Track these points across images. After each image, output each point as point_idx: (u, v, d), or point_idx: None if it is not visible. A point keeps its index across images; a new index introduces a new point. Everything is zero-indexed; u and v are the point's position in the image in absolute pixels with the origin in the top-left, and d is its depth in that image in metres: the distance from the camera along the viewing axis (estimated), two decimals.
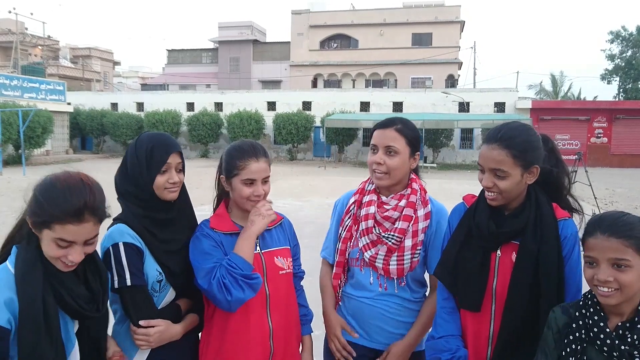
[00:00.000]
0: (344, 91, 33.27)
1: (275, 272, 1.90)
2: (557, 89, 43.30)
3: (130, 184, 1.79)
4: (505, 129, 1.72)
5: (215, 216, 1.95)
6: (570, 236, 1.72)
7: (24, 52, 40.67)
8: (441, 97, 29.66)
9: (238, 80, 42.83)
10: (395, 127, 1.98)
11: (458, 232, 1.85)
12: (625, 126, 28.08)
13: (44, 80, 28.94)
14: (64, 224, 1.38)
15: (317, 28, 42.06)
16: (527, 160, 1.69)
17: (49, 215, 1.38)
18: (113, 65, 55.21)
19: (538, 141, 1.74)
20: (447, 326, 1.84)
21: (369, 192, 2.07)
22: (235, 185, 1.87)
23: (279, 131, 29.74)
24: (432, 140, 28.17)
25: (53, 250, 1.41)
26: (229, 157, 1.90)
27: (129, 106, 34.68)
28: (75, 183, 1.43)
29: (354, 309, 2.08)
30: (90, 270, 1.54)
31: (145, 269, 1.75)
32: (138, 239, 1.74)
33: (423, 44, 40.11)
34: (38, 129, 24.25)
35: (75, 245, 1.42)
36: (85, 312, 1.47)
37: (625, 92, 40.70)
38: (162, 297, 1.81)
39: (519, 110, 28.30)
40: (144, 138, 1.82)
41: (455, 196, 10.30)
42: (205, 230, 1.87)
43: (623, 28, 39.57)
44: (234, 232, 1.88)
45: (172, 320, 1.79)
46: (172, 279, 1.81)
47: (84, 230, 1.41)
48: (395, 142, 1.97)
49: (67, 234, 1.39)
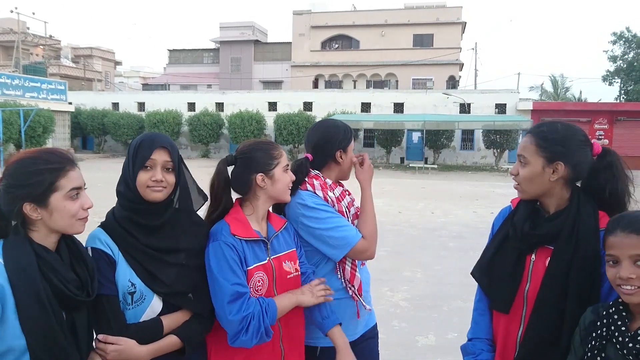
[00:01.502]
0: (345, 92, 33.26)
1: (284, 277, 1.90)
2: (557, 91, 43.29)
3: (121, 183, 1.75)
4: (547, 123, 1.74)
5: (235, 221, 1.86)
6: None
7: (26, 52, 40.71)
8: (442, 98, 29.65)
9: (239, 81, 42.85)
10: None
11: (498, 234, 1.86)
12: (626, 128, 28.07)
13: (46, 80, 28.96)
14: (67, 172, 1.46)
15: (318, 29, 42.06)
16: (551, 152, 1.65)
17: (50, 176, 1.44)
18: (114, 65, 55.26)
19: (574, 141, 1.67)
20: (476, 328, 1.88)
21: (331, 187, 2.20)
22: (279, 176, 1.92)
23: (280, 132, 29.74)
24: (432, 142, 28.15)
25: (71, 207, 1.47)
26: (262, 152, 1.92)
27: (130, 106, 34.70)
28: (37, 150, 1.52)
29: (349, 307, 2.15)
30: (75, 256, 1.54)
31: (117, 279, 1.64)
32: (111, 246, 1.66)
33: (424, 45, 40.11)
34: (39, 128, 24.30)
35: (82, 191, 1.51)
36: (77, 297, 1.46)
37: (627, 93, 40.64)
38: (142, 311, 1.67)
39: (520, 111, 28.29)
40: (138, 136, 1.81)
41: (455, 198, 10.24)
42: (228, 239, 1.79)
43: (627, 29, 39.54)
44: (255, 239, 1.85)
45: (144, 336, 1.64)
46: (158, 287, 1.67)
47: (79, 173, 1.52)
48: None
49: (74, 181, 1.48)
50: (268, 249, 1.89)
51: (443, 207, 12.72)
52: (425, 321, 4.87)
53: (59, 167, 1.46)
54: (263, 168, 1.89)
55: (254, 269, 1.82)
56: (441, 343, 4.36)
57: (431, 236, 9.03)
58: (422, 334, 4.53)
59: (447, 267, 6.90)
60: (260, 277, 1.83)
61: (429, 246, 8.18)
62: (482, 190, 16.97)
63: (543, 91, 43.64)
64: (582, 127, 10.05)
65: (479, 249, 1.97)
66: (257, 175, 1.88)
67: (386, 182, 18.13)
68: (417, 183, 18.92)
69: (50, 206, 1.44)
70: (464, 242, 8.53)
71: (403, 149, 30.07)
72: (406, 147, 30.09)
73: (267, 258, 1.87)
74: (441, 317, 5.00)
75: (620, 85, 41.47)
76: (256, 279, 1.81)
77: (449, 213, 11.73)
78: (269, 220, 1.99)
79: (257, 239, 1.85)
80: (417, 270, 6.69)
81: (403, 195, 14.93)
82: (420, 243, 8.44)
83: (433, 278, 6.38)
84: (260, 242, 1.88)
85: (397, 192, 15.52)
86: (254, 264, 1.82)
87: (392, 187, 16.30)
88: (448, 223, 10.40)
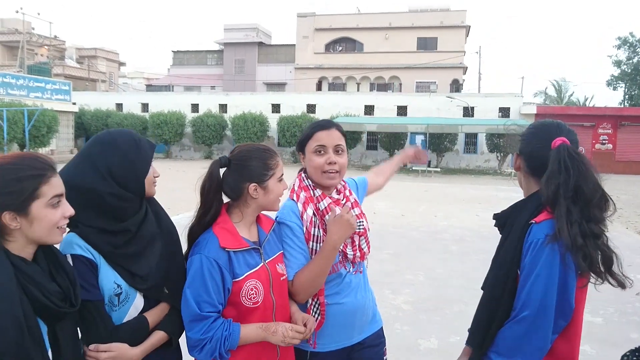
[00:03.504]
0: (349, 94, 33.29)
1: (278, 279, 1.87)
2: (561, 95, 43.21)
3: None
4: (536, 121, 1.92)
5: (223, 231, 1.78)
6: (533, 243, 1.59)
7: (31, 52, 40.87)
8: (446, 101, 29.63)
9: (243, 82, 42.93)
10: (337, 128, 2.06)
11: None
12: (630, 133, 28.00)
13: (50, 80, 29.09)
14: (48, 179, 1.38)
15: (322, 31, 42.12)
16: (520, 146, 1.83)
17: (31, 183, 1.35)
18: (118, 66, 55.43)
19: (535, 135, 1.80)
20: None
21: (319, 198, 2.01)
22: (271, 187, 1.84)
23: (283, 133, 29.78)
24: (436, 145, 28.16)
25: (52, 215, 1.39)
26: (260, 160, 1.85)
27: (134, 107, 34.79)
28: (16, 155, 1.43)
29: (338, 314, 2.00)
30: (54, 266, 1.46)
31: (101, 282, 1.60)
32: (90, 250, 1.60)
33: (428, 48, 40.11)
34: (43, 128, 24.41)
35: (63, 199, 1.43)
36: (61, 309, 1.39)
37: (631, 98, 40.57)
38: (126, 310, 1.65)
39: (524, 115, 28.24)
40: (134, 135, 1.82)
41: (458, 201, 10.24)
42: (211, 253, 1.72)
43: (631, 34, 39.47)
44: (244, 248, 1.80)
45: (135, 337, 1.64)
46: (138, 284, 1.65)
47: (60, 180, 1.43)
48: (341, 140, 2.05)
49: (56, 188, 1.40)
50: (262, 254, 1.85)
51: (446, 210, 12.70)
52: (427, 324, 4.86)
53: (40, 173, 1.38)
54: (257, 178, 1.81)
55: (245, 278, 1.76)
56: (443, 346, 4.34)
57: (433, 239, 9.00)
58: (424, 337, 4.51)
59: (450, 270, 6.88)
60: (254, 285, 1.77)
61: (431, 249, 8.16)
62: (485, 194, 16.93)
63: (547, 96, 43.57)
64: (586, 131, 10.04)
65: (481, 253, 1.99)
66: (250, 184, 1.81)
67: (389, 184, 18.04)
68: (420, 186, 18.90)
69: (30, 215, 1.35)
70: (466, 245, 8.50)
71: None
72: None
73: (262, 263, 1.83)
74: (443, 320, 4.98)
75: (625, 90, 41.39)
76: (248, 287, 1.76)
77: (451, 216, 11.70)
78: (259, 222, 1.94)
79: (246, 247, 1.80)
80: (419, 273, 6.67)
81: (406, 198, 14.91)
82: (422, 246, 8.42)
83: (435, 281, 6.36)
84: (251, 250, 1.83)
85: (400, 195, 15.50)
86: (245, 273, 1.77)
87: (394, 190, 16.28)
88: (450, 226, 10.38)
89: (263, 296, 1.79)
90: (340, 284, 2.00)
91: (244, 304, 1.76)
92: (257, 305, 1.78)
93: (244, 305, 1.76)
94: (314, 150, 2.00)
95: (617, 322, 4.95)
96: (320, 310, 1.93)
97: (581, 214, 1.58)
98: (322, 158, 1.99)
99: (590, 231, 1.57)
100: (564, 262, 1.54)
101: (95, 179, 1.62)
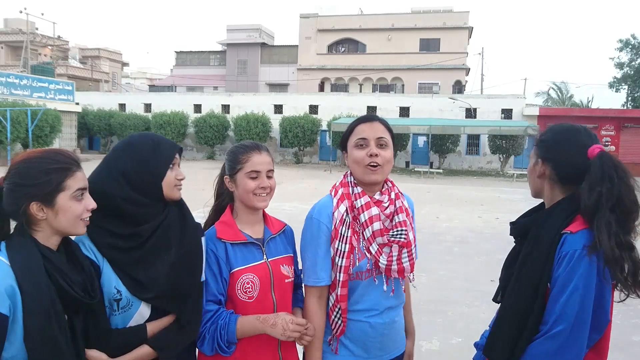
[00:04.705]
0: (351, 95, 33.28)
1: (281, 280, 1.88)
2: (564, 97, 43.14)
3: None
4: (554, 124, 1.81)
5: (222, 224, 1.87)
6: (569, 254, 1.51)
7: (34, 52, 40.95)
8: (448, 102, 29.61)
9: (245, 83, 42.98)
10: (380, 121, 1.90)
11: None
12: (633, 134, 27.93)
13: (53, 80, 29.13)
14: (74, 173, 1.46)
15: (325, 32, 42.12)
16: (541, 152, 1.72)
17: (58, 176, 1.43)
18: (121, 66, 55.51)
19: (563, 142, 1.67)
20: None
21: (358, 195, 1.86)
22: (240, 181, 1.85)
23: (286, 134, 29.80)
24: (438, 146, 28.14)
25: (76, 207, 1.46)
26: (232, 154, 1.91)
27: (137, 107, 34.86)
28: (44, 150, 1.51)
29: (360, 332, 1.87)
30: (73, 259, 1.52)
31: (102, 285, 1.59)
32: (94, 252, 1.59)
33: (431, 49, 40.07)
34: (46, 128, 24.46)
35: (86, 192, 1.51)
36: (83, 299, 1.44)
37: (634, 100, 40.46)
38: (129, 317, 1.61)
39: (526, 117, 28.19)
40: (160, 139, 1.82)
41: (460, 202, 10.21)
42: (209, 244, 1.80)
43: (632, 36, 39.38)
44: (242, 241, 1.84)
45: (127, 344, 1.59)
46: (140, 292, 1.60)
47: (84, 174, 1.52)
48: (385, 134, 1.87)
49: (80, 181, 1.48)
50: (264, 251, 1.87)
51: (448, 211, 12.68)
52: (429, 326, 4.85)
53: (66, 167, 1.46)
54: (228, 170, 1.90)
55: (242, 271, 1.80)
56: (445, 348, 4.33)
57: (436, 241, 8.99)
58: (426, 339, 4.50)
59: (452, 272, 6.87)
60: (250, 279, 1.80)
61: (434, 251, 8.15)
62: (487, 195, 16.91)
63: (549, 97, 43.50)
64: None
65: (484, 254, 1.97)
66: (225, 176, 1.93)
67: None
68: (422, 187, 18.87)
69: (56, 206, 1.43)
70: (468, 247, 8.49)
71: (408, 153, 30.03)
72: (412, 152, 30.06)
73: (264, 259, 1.85)
74: (445, 322, 4.97)
75: (627, 92, 41.28)
76: (244, 280, 1.79)
77: (453, 218, 11.69)
78: (266, 223, 1.97)
79: (244, 241, 1.84)
80: (421, 275, 6.66)
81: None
82: (424, 247, 8.41)
83: (437, 283, 6.35)
84: (250, 245, 1.85)
85: None
86: (243, 266, 1.81)
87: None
88: (453, 228, 10.36)
89: (259, 292, 1.81)
90: (365, 296, 1.86)
91: (240, 297, 1.79)
92: (252, 300, 1.80)
93: (239, 299, 1.80)
94: (355, 144, 1.86)
95: (619, 324, 4.94)
96: (342, 318, 1.83)
97: (617, 225, 1.50)
98: (363, 151, 1.83)
99: (626, 243, 1.50)
100: (601, 274, 1.48)
101: (109, 182, 1.63)
